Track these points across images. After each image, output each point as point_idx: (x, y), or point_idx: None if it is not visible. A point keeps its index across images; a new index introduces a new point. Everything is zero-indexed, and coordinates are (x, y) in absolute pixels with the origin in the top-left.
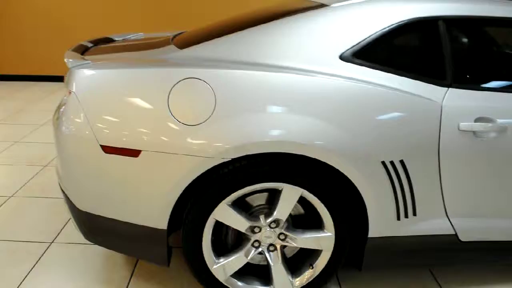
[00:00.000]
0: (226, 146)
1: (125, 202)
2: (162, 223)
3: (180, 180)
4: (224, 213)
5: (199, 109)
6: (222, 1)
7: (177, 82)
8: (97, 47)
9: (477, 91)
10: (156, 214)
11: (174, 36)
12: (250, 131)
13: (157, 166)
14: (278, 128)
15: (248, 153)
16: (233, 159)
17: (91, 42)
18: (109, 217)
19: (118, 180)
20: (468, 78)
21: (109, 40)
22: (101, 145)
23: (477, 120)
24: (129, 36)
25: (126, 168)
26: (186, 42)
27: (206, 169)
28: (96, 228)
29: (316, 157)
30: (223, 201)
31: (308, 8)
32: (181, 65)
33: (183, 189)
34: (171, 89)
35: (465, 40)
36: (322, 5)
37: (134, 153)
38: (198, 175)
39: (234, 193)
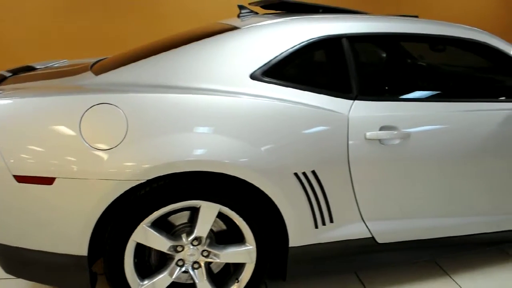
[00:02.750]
0: (140, 168)
1: (43, 231)
2: (82, 250)
3: (96, 205)
4: (144, 234)
5: (111, 133)
6: (157, 25)
7: (89, 108)
8: (16, 76)
9: (381, 101)
10: (75, 241)
11: (95, 62)
12: (164, 153)
13: (72, 193)
14: (192, 148)
15: (162, 174)
16: (148, 181)
17: (9, 71)
18: (29, 248)
19: (33, 210)
20: (372, 90)
21: (30, 69)
22: (13, 175)
23: (382, 128)
24: (51, 64)
25: (41, 197)
26: (103, 68)
27: (121, 192)
28: (16, 261)
29: (231, 174)
30: (142, 223)
31: (221, 31)
32: (93, 91)
33: (100, 214)
34: (82, 115)
35: (368, 55)
36: (234, 28)
37: (48, 181)
38: (114, 198)
39: (152, 214)
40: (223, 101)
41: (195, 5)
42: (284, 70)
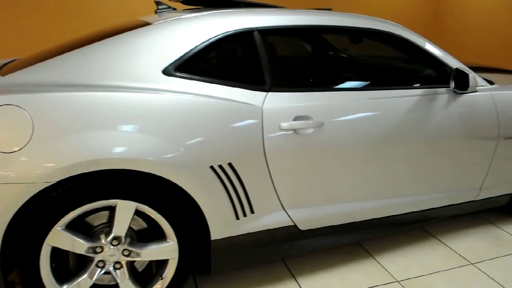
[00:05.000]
0: (47, 170)
1: None
2: None
3: (4, 211)
4: (59, 238)
5: (16, 135)
6: (100, 25)
7: None
8: None
9: (294, 92)
10: None
11: (6, 63)
12: (71, 153)
13: None
14: (101, 147)
15: (71, 175)
16: (59, 182)
17: None
18: None
19: None
20: (286, 82)
21: None
22: None
23: (296, 118)
24: None
25: None
26: (12, 68)
27: (30, 196)
28: None
29: (146, 171)
30: (56, 226)
31: (134, 27)
32: None
33: (9, 220)
34: None
35: (280, 47)
36: (146, 24)
37: None
38: (23, 203)
39: (66, 216)
40: (134, 97)
41: (136, 4)
42: (197, 65)
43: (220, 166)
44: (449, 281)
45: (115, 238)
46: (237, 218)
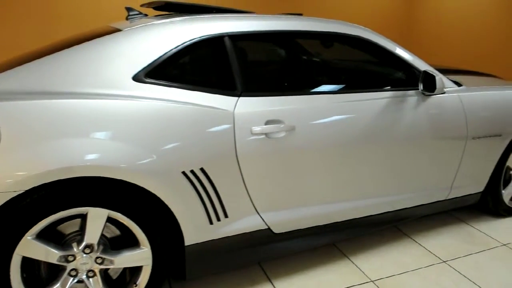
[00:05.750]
0: (16, 178)
1: None
2: None
3: None
4: (29, 247)
5: None
6: (55, 27)
7: None
8: None
9: (266, 97)
10: None
11: None
12: (40, 161)
13: None
14: (75, 154)
15: (40, 183)
16: (29, 191)
17: None
18: None
19: None
20: (258, 86)
21: None
22: None
23: (268, 122)
24: None
25: None
26: None
27: None
28: None
29: (118, 178)
30: (26, 235)
31: (104, 34)
32: None
33: None
34: None
35: (250, 52)
36: (116, 30)
37: None
38: None
39: (36, 225)
40: (104, 104)
41: (93, 6)
42: (167, 71)
43: (192, 172)
44: (422, 279)
45: (87, 246)
46: (211, 223)
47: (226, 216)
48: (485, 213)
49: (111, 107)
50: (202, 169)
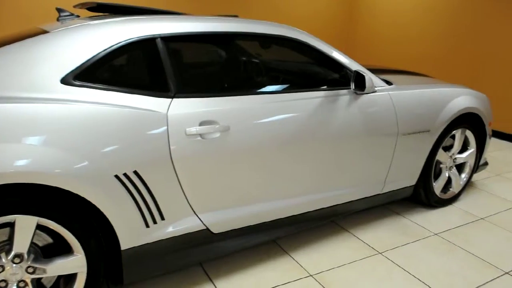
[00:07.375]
0: None
1: None
2: None
3: None
4: None
5: None
6: None
7: None
8: None
9: (200, 98)
10: None
11: None
12: None
13: None
14: (2, 160)
15: None
16: None
17: None
18: None
19: None
20: (191, 88)
21: None
22: None
23: (202, 123)
24: None
25: None
26: None
27: None
28: None
29: (48, 184)
30: None
31: (31, 35)
32: None
33: None
34: None
35: (184, 54)
36: (44, 32)
37: None
38: None
39: None
40: (31, 108)
41: (29, 5)
42: (97, 73)
43: (125, 175)
44: (359, 271)
45: (16, 255)
46: (147, 226)
47: (162, 218)
48: (418, 205)
49: (38, 111)
50: (135, 172)
